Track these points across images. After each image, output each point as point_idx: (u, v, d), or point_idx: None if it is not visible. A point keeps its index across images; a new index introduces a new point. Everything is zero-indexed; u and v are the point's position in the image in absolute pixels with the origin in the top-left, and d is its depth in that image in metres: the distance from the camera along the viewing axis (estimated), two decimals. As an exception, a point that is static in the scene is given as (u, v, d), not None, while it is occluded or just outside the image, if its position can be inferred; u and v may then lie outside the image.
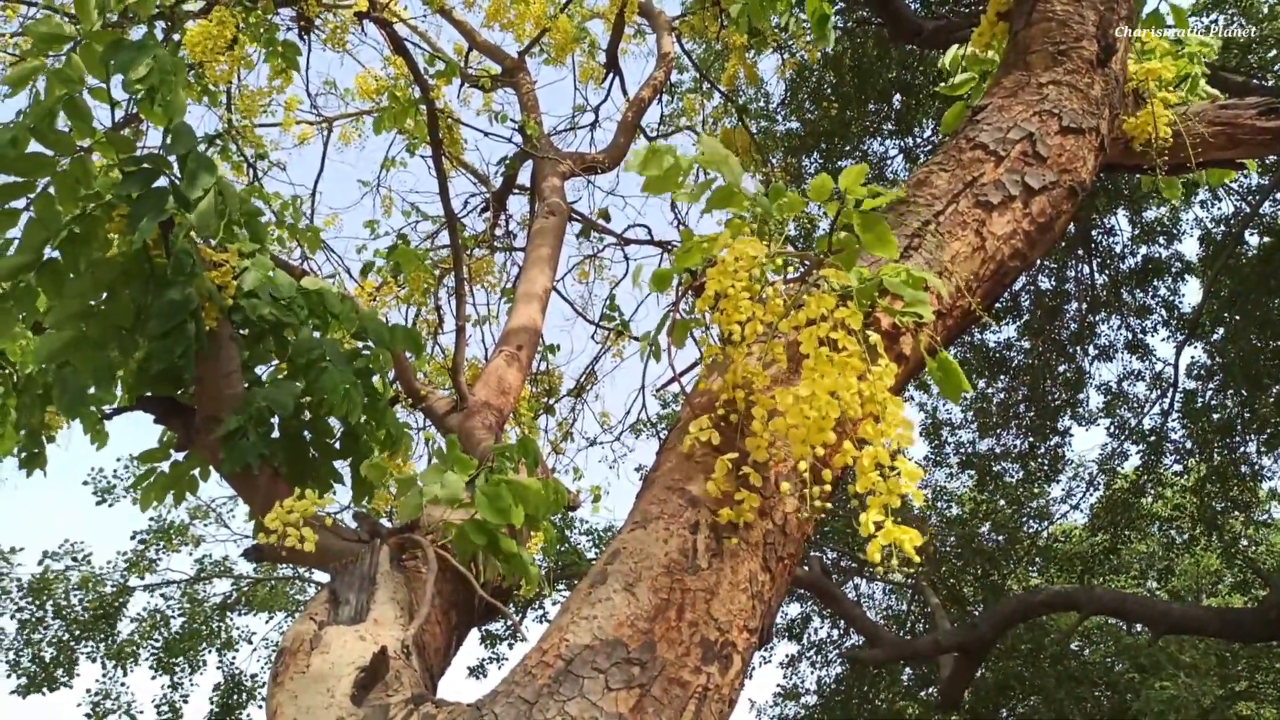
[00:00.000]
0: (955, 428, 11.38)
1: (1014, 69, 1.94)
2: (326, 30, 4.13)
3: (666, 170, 1.41)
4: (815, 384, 1.27)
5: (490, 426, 3.95)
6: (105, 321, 2.08)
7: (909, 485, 1.18)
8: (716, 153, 1.50)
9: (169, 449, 2.36)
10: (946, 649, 8.67)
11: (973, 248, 1.72)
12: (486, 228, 6.93)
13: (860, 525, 1.17)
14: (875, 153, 9.55)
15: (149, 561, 10.69)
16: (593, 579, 1.39)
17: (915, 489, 1.19)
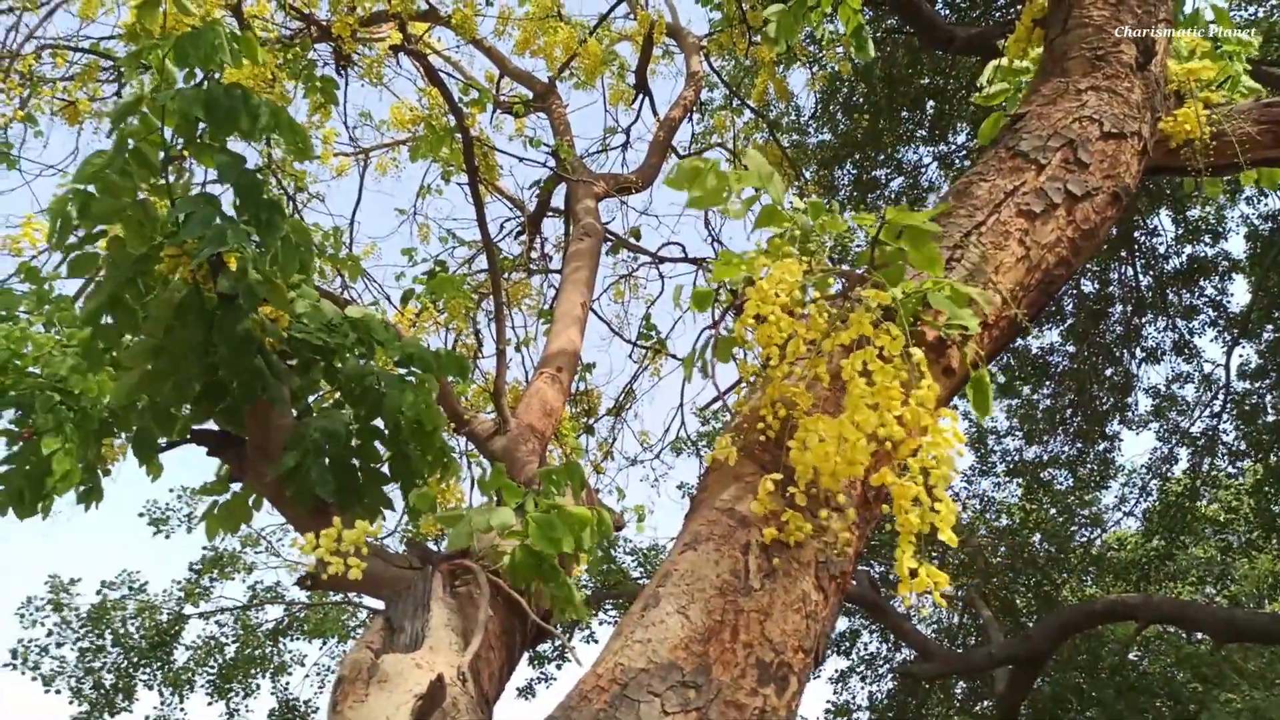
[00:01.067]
0: (1001, 435, 11.22)
1: (1052, 76, 1.93)
2: (363, 65, 4.22)
3: (710, 188, 1.42)
4: (845, 422, 1.27)
5: (534, 450, 3.98)
6: (170, 357, 2.14)
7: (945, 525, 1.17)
8: (762, 169, 1.51)
9: (227, 481, 2.41)
10: (1001, 662, 8.51)
11: (1016, 257, 1.70)
12: (522, 251, 7.00)
13: (896, 565, 1.17)
14: (909, 161, 9.50)
15: (203, 589, 10.87)
16: (645, 601, 1.39)
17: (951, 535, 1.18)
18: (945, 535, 1.20)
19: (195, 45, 2.07)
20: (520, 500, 1.81)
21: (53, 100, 4.95)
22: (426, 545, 1.75)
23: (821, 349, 1.43)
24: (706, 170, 1.43)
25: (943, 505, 1.22)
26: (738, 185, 1.44)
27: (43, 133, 5.07)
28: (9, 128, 4.62)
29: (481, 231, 3.91)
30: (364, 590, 1.97)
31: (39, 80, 4.63)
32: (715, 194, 1.42)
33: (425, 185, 6.65)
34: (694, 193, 1.43)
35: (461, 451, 5.34)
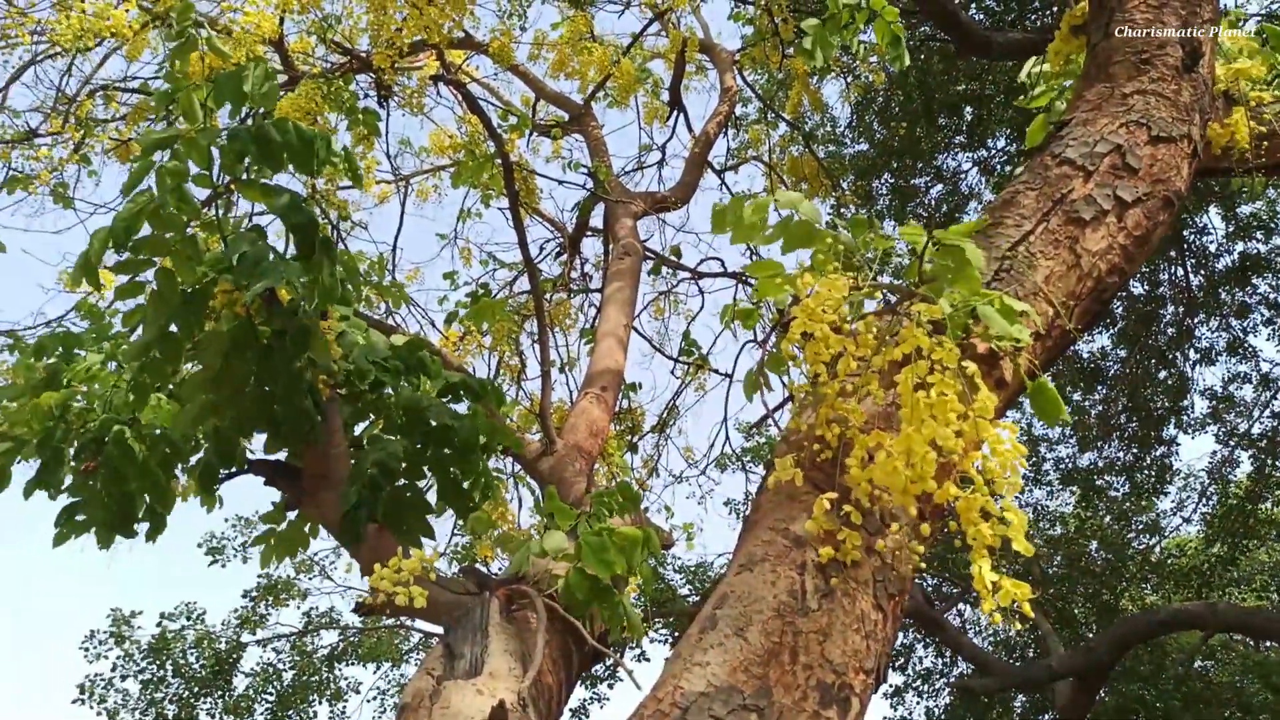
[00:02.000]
0: (1053, 443, 11.01)
1: (1096, 81, 1.91)
2: (403, 95, 4.30)
3: (747, 223, 1.43)
4: (913, 435, 1.26)
5: (581, 470, 4.00)
6: (228, 388, 2.19)
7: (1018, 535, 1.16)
8: (791, 197, 1.51)
9: (283, 511, 2.45)
10: (1061, 674, 8.32)
11: (1067, 266, 1.68)
12: (562, 271, 7.05)
13: (975, 579, 1.16)
14: (948, 168, 9.41)
15: (259, 617, 11.04)
16: (702, 624, 1.39)
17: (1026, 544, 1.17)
18: (1020, 545, 1.19)
19: (234, 85, 2.13)
20: (573, 523, 1.82)
21: (104, 140, 5.11)
22: (482, 570, 1.77)
23: (872, 365, 1.42)
24: (739, 205, 1.44)
25: (1013, 515, 1.21)
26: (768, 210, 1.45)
27: (96, 172, 5.24)
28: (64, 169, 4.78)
29: (523, 254, 3.95)
30: (422, 616, 1.99)
31: (93, 123, 4.78)
32: (752, 227, 1.43)
33: (465, 209, 6.72)
34: (734, 230, 1.44)
35: (509, 473, 5.37)
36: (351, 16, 4.04)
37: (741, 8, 6.80)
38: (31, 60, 4.73)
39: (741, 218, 1.44)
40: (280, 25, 2.88)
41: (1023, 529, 1.22)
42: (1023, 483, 7.34)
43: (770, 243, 1.49)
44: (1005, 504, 1.24)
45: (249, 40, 2.75)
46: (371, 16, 3.29)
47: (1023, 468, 1.29)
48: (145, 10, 3.04)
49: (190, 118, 2.00)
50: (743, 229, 1.45)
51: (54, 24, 3.24)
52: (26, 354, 2.88)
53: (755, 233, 1.45)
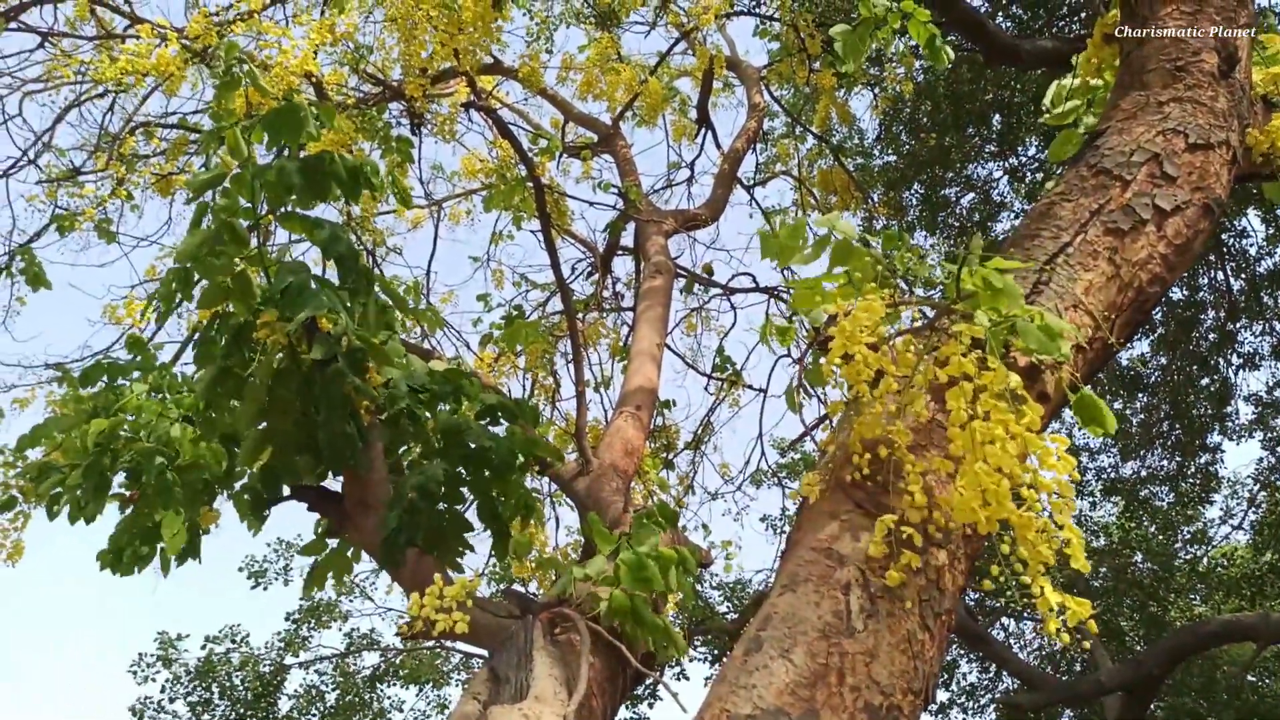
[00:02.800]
0: (1095, 453, 10.82)
1: (1130, 90, 1.89)
2: (435, 122, 4.36)
3: (786, 244, 1.44)
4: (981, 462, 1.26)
5: (618, 489, 4.00)
6: (274, 419, 2.23)
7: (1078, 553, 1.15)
8: (829, 217, 1.52)
9: (325, 537, 2.48)
10: (1110, 689, 8.14)
11: (1107, 277, 1.66)
12: (594, 291, 7.08)
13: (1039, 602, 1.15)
14: (979, 177, 9.33)
15: (302, 639, 11.14)
16: (747, 646, 1.38)
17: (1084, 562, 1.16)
18: (1079, 563, 1.18)
19: (284, 121, 2.18)
20: (614, 546, 1.83)
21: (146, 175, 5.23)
22: (525, 594, 1.78)
23: (914, 383, 1.42)
24: (782, 229, 1.45)
25: (1070, 533, 1.20)
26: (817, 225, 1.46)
27: (139, 206, 5.36)
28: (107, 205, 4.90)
29: (556, 276, 3.98)
30: (464, 640, 2.00)
31: (134, 158, 4.90)
32: (791, 248, 1.44)
33: (497, 232, 6.78)
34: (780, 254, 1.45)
35: (546, 494, 5.39)
36: (383, 48, 4.12)
37: (767, 24, 6.83)
38: (76, 100, 4.86)
39: (779, 239, 1.45)
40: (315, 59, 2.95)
41: (1081, 546, 1.21)
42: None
43: (810, 261, 1.50)
44: (1061, 519, 1.23)
45: (286, 74, 2.81)
46: (403, 46, 3.35)
47: (1073, 479, 1.28)
48: (186, 48, 3.12)
49: (236, 153, 2.05)
50: (785, 252, 1.45)
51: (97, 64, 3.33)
52: (74, 385, 2.95)
53: (797, 253, 1.46)
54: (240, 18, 3.27)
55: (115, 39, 4.45)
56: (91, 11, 4.38)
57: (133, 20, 4.63)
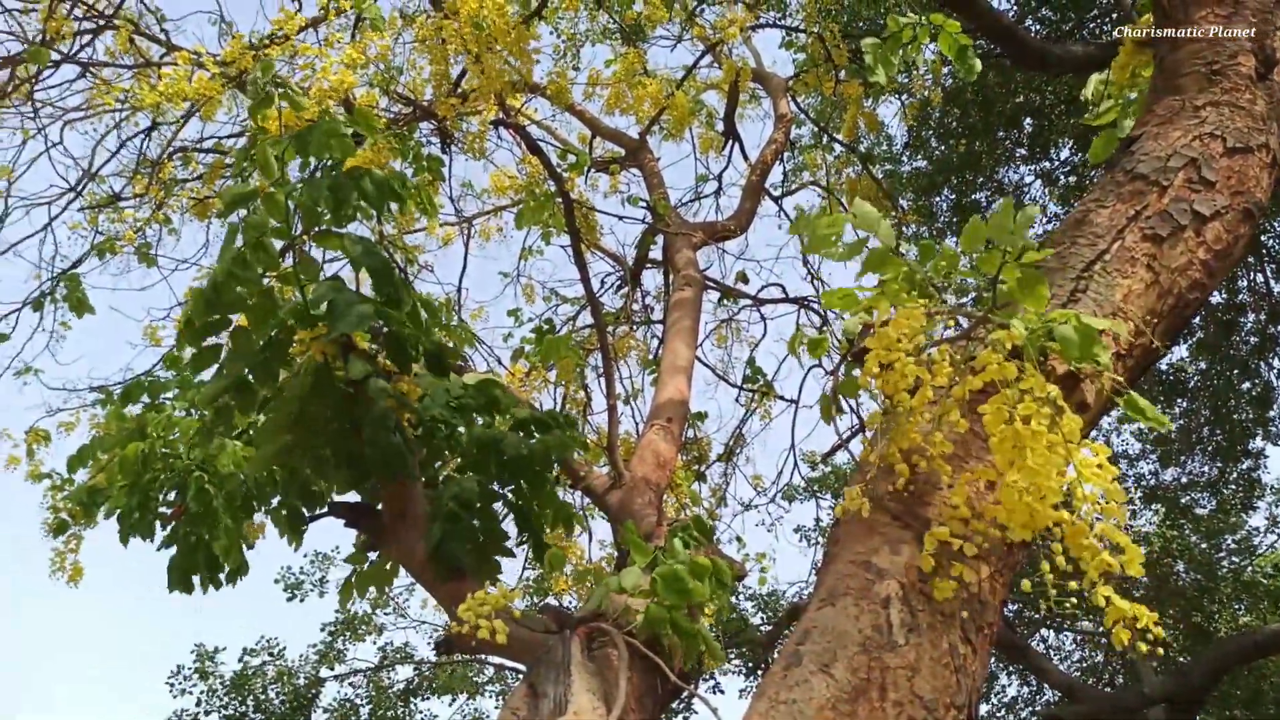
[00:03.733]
0: (1134, 459, 10.66)
1: (1165, 94, 1.87)
2: (464, 140, 4.40)
3: (820, 234, 1.44)
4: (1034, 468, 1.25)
5: (650, 502, 4.00)
6: (303, 433, 2.26)
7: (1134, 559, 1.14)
8: (868, 216, 1.51)
9: (364, 551, 2.50)
10: (1155, 701, 7.98)
11: (1146, 284, 1.64)
12: (624, 304, 7.10)
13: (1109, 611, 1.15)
14: (1010, 181, 9.25)
15: (337, 652, 11.22)
16: (786, 660, 1.38)
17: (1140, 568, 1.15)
18: (1134, 569, 1.17)
19: (315, 138, 2.22)
20: (650, 559, 1.83)
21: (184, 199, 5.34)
22: (561, 608, 1.78)
23: (951, 393, 1.41)
24: (818, 217, 1.45)
25: (1123, 539, 1.19)
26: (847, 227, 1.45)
27: (176, 230, 5.47)
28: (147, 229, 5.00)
29: (586, 290, 4.00)
30: (501, 653, 2.01)
31: (173, 183, 5.00)
32: (825, 239, 1.44)
33: (527, 248, 6.83)
34: (810, 239, 1.45)
35: (580, 508, 5.40)
36: (414, 68, 4.17)
37: (793, 36, 6.83)
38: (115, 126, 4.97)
39: (815, 227, 1.44)
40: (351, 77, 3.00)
41: (1138, 552, 1.20)
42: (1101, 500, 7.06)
43: (843, 260, 1.49)
44: (1105, 528, 1.22)
45: (323, 95, 2.86)
46: (433, 66, 3.39)
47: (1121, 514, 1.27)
48: (222, 73, 3.18)
49: (268, 171, 2.09)
50: (817, 239, 1.45)
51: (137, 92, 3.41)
52: (116, 404, 3.01)
53: (828, 246, 1.46)
54: (275, 41, 3.33)
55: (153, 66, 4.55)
56: (131, 41, 4.48)
57: (169, 49, 4.73)
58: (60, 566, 3.17)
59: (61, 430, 4.78)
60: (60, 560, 3.17)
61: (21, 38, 4.84)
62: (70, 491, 2.96)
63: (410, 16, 5.49)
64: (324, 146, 2.00)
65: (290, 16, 3.24)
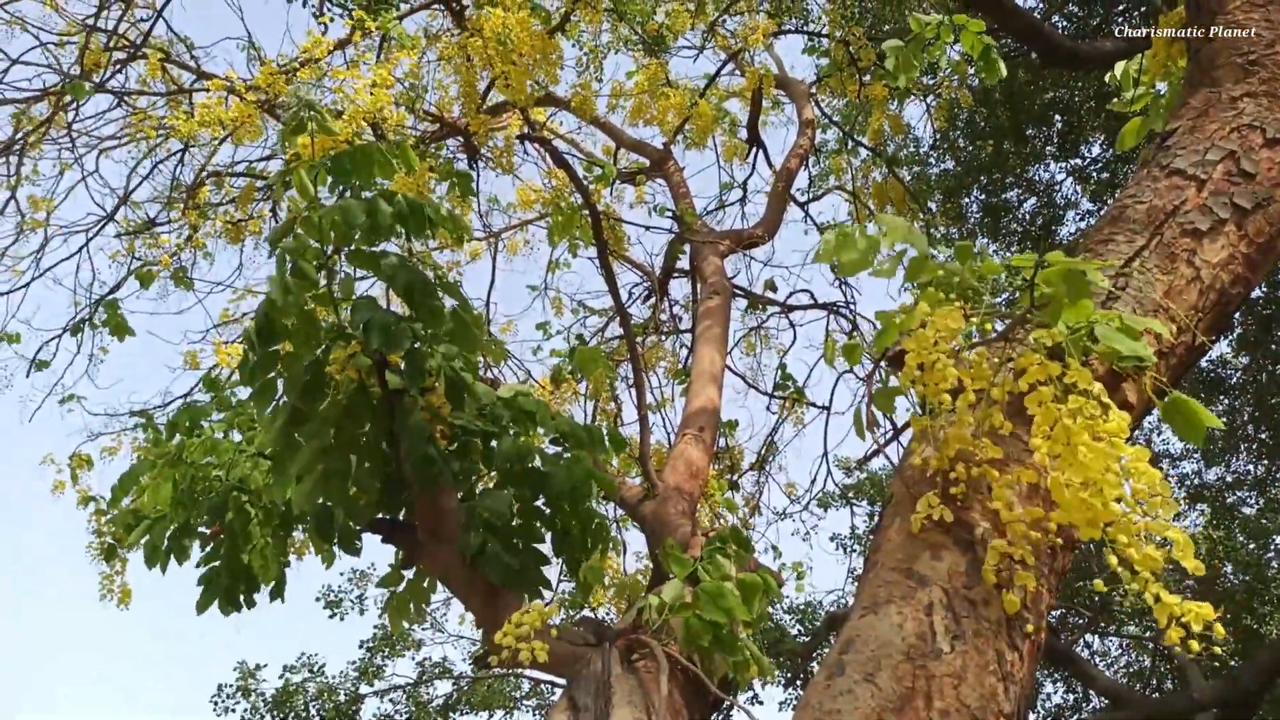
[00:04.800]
0: (1176, 459, 10.45)
1: (1200, 87, 1.84)
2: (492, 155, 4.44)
3: (860, 253, 1.42)
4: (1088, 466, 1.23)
5: (684, 512, 3.98)
6: (341, 455, 2.27)
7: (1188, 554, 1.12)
8: (898, 226, 1.50)
9: (401, 569, 2.51)
10: (1204, 706, 7.81)
11: (1186, 280, 1.61)
12: (652, 314, 7.10)
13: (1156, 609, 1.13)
14: (1041, 179, 9.15)
15: (376, 668, 11.28)
16: (829, 670, 1.36)
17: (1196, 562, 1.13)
18: (1190, 564, 1.15)
19: (349, 162, 2.24)
20: (690, 571, 1.82)
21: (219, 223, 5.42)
22: (601, 621, 1.78)
23: (992, 396, 1.39)
24: (853, 235, 1.44)
25: (1176, 534, 1.16)
26: (885, 242, 1.44)
27: (211, 254, 5.56)
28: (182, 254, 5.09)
29: (615, 302, 4.01)
30: (542, 669, 2.01)
31: (207, 207, 5.08)
32: (865, 258, 1.42)
33: (554, 260, 6.86)
34: (844, 260, 1.43)
35: (613, 518, 5.39)
36: (440, 87, 4.22)
37: (816, 41, 6.81)
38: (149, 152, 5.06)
39: (852, 249, 1.43)
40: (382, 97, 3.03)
41: (1190, 547, 1.18)
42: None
43: (884, 275, 1.48)
44: (1158, 525, 1.20)
45: (355, 117, 2.90)
46: (460, 84, 3.42)
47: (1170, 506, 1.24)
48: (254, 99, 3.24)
49: (304, 194, 2.11)
50: (855, 260, 1.44)
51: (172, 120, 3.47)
52: (156, 432, 3.05)
53: (866, 263, 1.44)
54: (304, 64, 3.38)
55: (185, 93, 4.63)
56: (163, 69, 4.56)
57: (199, 75, 4.82)
58: (109, 589, 3.22)
59: (105, 456, 4.85)
60: (109, 583, 3.22)
61: (58, 70, 4.96)
62: (114, 515, 3.01)
63: (435, 35, 5.55)
64: (366, 172, 2.01)
65: (318, 40, 3.29)
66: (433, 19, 5.98)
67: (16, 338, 5.25)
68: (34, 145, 5.02)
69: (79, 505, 4.08)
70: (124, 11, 4.65)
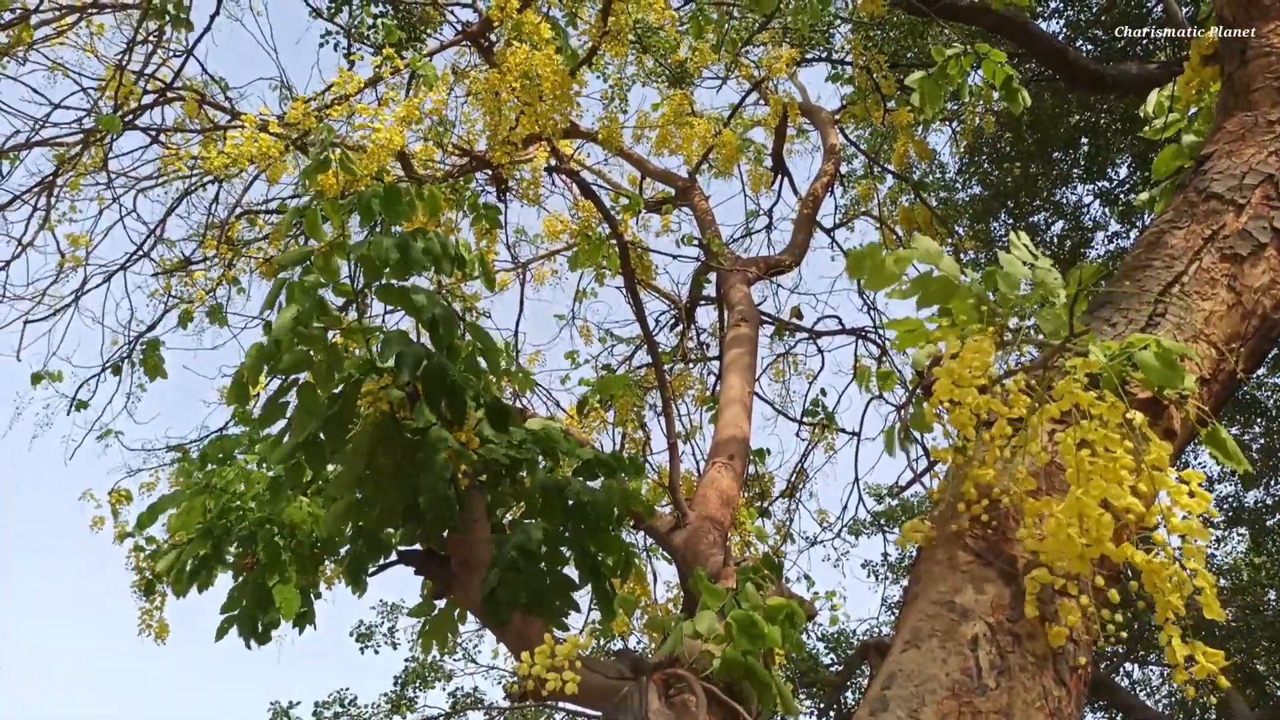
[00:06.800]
0: (1214, 481, 10.24)
1: (1235, 110, 1.82)
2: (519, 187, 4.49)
3: (886, 272, 1.42)
4: (1082, 497, 1.21)
5: (716, 542, 3.95)
6: (374, 485, 2.28)
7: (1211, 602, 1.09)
8: (930, 250, 1.49)
9: (432, 600, 2.51)
10: (1252, 737, 7.59)
11: (1227, 305, 1.59)
12: (679, 342, 7.10)
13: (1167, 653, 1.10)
14: (1069, 202, 9.08)
15: (408, 701, 11.23)
16: (872, 706, 1.34)
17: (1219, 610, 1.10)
18: (1213, 612, 1.12)
19: (378, 200, 2.27)
20: (723, 602, 1.80)
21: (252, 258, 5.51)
22: (637, 654, 1.76)
23: (1029, 425, 1.37)
24: (879, 254, 1.43)
25: (1203, 580, 1.13)
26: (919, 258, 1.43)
27: (244, 290, 5.64)
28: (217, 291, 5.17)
29: (644, 331, 4.01)
30: (574, 701, 1.99)
31: (241, 244, 5.17)
32: (891, 276, 1.42)
33: (581, 290, 6.89)
34: (869, 277, 1.43)
35: (643, 548, 5.37)
36: (467, 120, 4.28)
37: (839, 69, 6.84)
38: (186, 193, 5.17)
39: (879, 265, 1.42)
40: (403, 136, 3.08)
41: (1214, 594, 1.14)
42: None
43: (906, 297, 1.47)
44: (1193, 565, 1.17)
45: (380, 154, 2.95)
46: (487, 119, 3.47)
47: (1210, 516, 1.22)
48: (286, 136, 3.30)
49: (316, 233, 2.14)
50: (879, 277, 1.43)
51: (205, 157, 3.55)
52: (190, 466, 3.08)
53: (891, 283, 1.44)
54: (336, 102, 3.44)
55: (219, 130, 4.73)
56: (200, 107, 4.66)
57: (234, 115, 4.92)
58: (147, 624, 3.25)
59: (144, 492, 4.91)
60: (147, 618, 3.25)
61: (97, 113, 5.08)
62: (152, 551, 3.04)
63: (462, 71, 5.64)
64: (394, 210, 2.04)
65: (349, 78, 3.35)
66: (460, 55, 6.09)
67: (59, 376, 5.34)
68: (72, 184, 5.13)
69: (116, 541, 4.12)
70: (153, 49, 4.77)
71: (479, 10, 4.69)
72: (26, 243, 5.25)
